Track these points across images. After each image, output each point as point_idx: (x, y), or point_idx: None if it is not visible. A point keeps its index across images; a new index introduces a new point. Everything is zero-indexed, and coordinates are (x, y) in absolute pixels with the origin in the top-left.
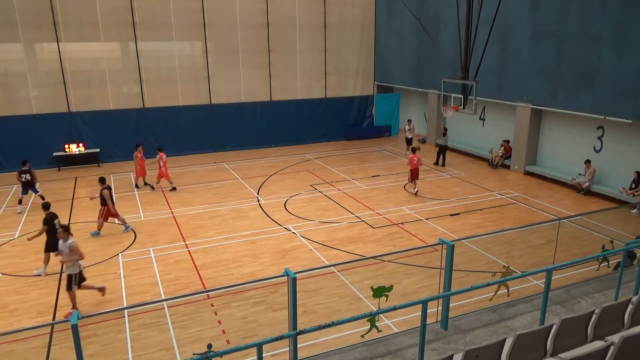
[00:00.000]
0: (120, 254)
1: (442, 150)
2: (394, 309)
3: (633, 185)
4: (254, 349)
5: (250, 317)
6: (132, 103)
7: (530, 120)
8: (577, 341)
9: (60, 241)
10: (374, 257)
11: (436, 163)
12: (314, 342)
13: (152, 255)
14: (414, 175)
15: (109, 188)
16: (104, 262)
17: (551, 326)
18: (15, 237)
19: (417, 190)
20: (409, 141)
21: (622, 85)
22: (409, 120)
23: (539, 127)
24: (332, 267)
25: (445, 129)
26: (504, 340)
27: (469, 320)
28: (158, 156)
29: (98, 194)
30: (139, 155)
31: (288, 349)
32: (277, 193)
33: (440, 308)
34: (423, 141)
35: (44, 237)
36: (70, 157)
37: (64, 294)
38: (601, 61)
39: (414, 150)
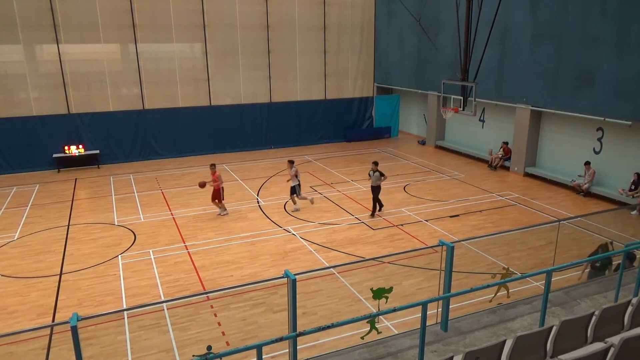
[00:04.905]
0: (119, 256)
1: (374, 192)
2: (394, 310)
3: (633, 187)
4: (254, 351)
5: (250, 319)
6: (132, 104)
7: (530, 121)
8: (577, 343)
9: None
10: (373, 259)
11: (372, 215)
12: (314, 344)
13: (152, 256)
14: (216, 195)
15: None
16: (103, 263)
17: (551, 328)
18: (15, 238)
19: (224, 212)
20: (293, 189)
21: (622, 87)
22: (290, 162)
23: (538, 129)
24: (332, 269)
25: (375, 164)
26: (503, 342)
27: (469, 321)
28: None
29: None
30: None
31: (288, 350)
32: (276, 194)
33: (440, 309)
34: (423, 143)
35: None
36: (70, 158)
37: (63, 295)
38: (601, 63)
39: (213, 166)
